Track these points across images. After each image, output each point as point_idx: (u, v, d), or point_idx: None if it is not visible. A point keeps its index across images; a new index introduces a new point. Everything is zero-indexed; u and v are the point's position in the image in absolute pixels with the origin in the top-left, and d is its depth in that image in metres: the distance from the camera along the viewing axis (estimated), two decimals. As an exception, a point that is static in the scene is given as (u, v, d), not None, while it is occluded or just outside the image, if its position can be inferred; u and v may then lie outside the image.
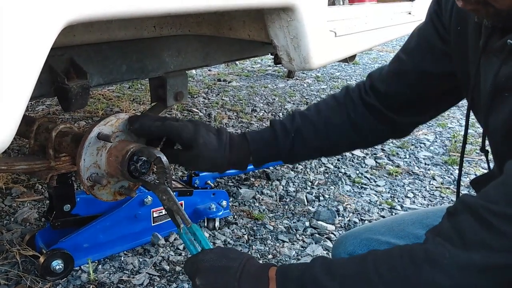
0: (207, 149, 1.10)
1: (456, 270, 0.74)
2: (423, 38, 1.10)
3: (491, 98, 0.89)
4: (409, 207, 2.28)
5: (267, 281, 0.88)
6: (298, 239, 1.96)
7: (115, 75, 1.49)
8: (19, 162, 1.29)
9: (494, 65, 0.86)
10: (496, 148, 0.96)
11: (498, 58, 0.85)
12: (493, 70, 0.86)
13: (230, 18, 1.54)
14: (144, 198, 1.75)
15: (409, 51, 1.13)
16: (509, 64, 0.83)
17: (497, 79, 0.85)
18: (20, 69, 0.72)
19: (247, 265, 0.91)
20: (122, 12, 0.87)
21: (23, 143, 2.61)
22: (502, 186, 0.75)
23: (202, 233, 1.00)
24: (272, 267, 0.90)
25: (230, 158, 1.14)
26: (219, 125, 3.23)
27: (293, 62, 1.45)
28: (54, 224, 1.55)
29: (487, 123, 0.93)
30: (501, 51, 0.83)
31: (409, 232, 1.16)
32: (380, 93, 1.17)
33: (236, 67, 5.16)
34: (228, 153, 1.14)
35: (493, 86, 0.87)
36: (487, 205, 0.74)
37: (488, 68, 0.89)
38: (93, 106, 3.39)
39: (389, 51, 6.53)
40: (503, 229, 0.71)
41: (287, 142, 1.18)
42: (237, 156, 1.16)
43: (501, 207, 0.72)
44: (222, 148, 1.13)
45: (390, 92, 1.16)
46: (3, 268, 1.63)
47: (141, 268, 1.71)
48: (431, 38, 1.07)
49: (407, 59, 1.13)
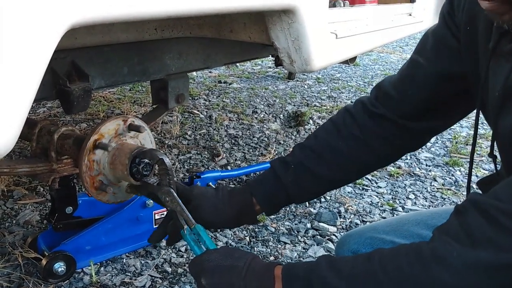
0: (204, 197, 1.10)
1: (463, 269, 0.73)
2: (438, 38, 1.07)
3: (501, 102, 0.87)
4: (411, 208, 2.28)
5: (273, 280, 0.88)
6: (300, 240, 1.96)
7: (116, 77, 1.49)
8: (21, 165, 1.30)
9: (505, 68, 0.85)
10: (505, 151, 0.96)
11: (508, 61, 0.84)
12: (504, 74, 0.85)
13: (231, 21, 1.55)
14: (146, 200, 1.75)
15: (425, 53, 1.09)
16: None
17: (507, 83, 0.84)
18: (23, 72, 0.73)
19: (253, 264, 0.91)
20: (124, 15, 0.87)
21: (25, 145, 2.61)
22: (510, 185, 0.75)
23: (206, 233, 1.00)
24: (278, 266, 0.90)
25: (231, 205, 1.11)
26: (220, 127, 3.23)
27: (294, 64, 1.45)
28: (56, 226, 1.56)
29: (496, 126, 0.92)
30: None
31: (414, 232, 1.15)
32: (391, 101, 1.11)
33: (236, 69, 5.17)
34: (227, 200, 1.11)
35: (503, 90, 0.86)
36: (495, 203, 0.74)
37: (498, 71, 0.88)
38: (94, 108, 3.39)
39: (389, 52, 6.54)
40: (511, 228, 0.71)
41: (289, 175, 1.12)
42: (239, 202, 1.12)
43: (509, 205, 0.72)
44: (219, 195, 1.11)
45: (404, 97, 1.10)
46: (5, 271, 1.63)
47: (143, 270, 1.71)
48: (447, 38, 1.04)
49: (423, 61, 1.08)
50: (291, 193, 1.13)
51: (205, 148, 2.85)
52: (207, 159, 2.70)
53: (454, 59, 1.03)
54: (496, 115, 0.90)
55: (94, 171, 1.17)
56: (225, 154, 2.76)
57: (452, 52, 1.03)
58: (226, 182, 2.41)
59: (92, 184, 1.17)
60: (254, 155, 2.80)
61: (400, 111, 1.10)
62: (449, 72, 1.05)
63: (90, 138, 1.15)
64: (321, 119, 3.53)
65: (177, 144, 2.88)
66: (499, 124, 0.90)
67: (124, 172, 1.14)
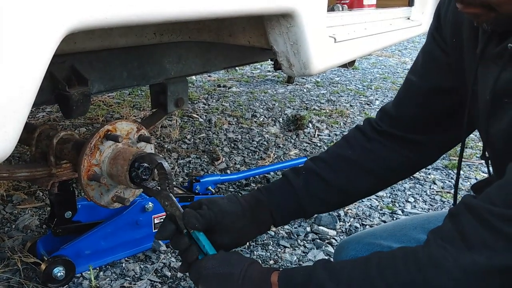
0: (232, 227, 1.04)
1: (460, 273, 0.74)
2: (427, 55, 1.09)
3: (491, 105, 0.88)
4: (410, 211, 2.28)
5: (270, 287, 0.88)
6: (300, 244, 1.96)
7: (116, 82, 1.49)
8: (20, 169, 1.30)
9: (493, 72, 0.85)
10: (496, 155, 0.96)
11: (497, 64, 0.85)
12: (493, 77, 0.85)
13: (230, 25, 1.55)
14: (145, 205, 1.75)
15: (416, 71, 1.11)
16: (509, 69, 0.82)
17: (497, 86, 0.85)
18: (22, 77, 0.73)
19: (249, 270, 0.90)
20: (123, 20, 0.87)
21: (24, 150, 2.61)
22: (503, 188, 0.76)
23: (206, 238, 1.00)
24: (275, 272, 0.90)
25: (253, 226, 1.08)
26: (220, 130, 3.23)
27: (293, 68, 1.46)
28: (55, 231, 1.55)
29: (488, 130, 0.92)
30: (501, 56, 0.83)
31: (411, 237, 1.16)
32: (393, 119, 1.13)
33: (235, 73, 5.17)
34: (251, 221, 1.07)
35: (492, 93, 0.86)
36: (487, 206, 0.74)
37: (487, 75, 0.89)
38: (94, 112, 3.39)
39: (388, 56, 6.55)
40: (504, 230, 0.72)
41: (300, 179, 1.11)
42: (260, 219, 1.09)
43: (501, 208, 0.73)
44: (235, 205, 1.07)
45: (403, 115, 1.12)
46: (4, 276, 1.62)
47: (143, 274, 1.71)
48: (435, 53, 1.06)
49: (415, 79, 1.10)
50: (302, 200, 1.12)
51: (204, 152, 2.85)
52: (207, 163, 2.70)
53: (444, 74, 1.05)
54: (487, 119, 0.90)
55: (94, 159, 1.17)
56: (224, 158, 2.76)
57: (441, 68, 1.05)
58: (226, 186, 2.41)
59: (86, 171, 1.17)
60: (254, 159, 2.80)
61: (402, 128, 1.12)
62: (440, 87, 1.06)
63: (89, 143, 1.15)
64: (320, 122, 3.53)
65: (176, 148, 2.88)
66: (490, 128, 0.91)
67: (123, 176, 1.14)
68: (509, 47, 0.80)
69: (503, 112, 0.84)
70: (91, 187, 1.19)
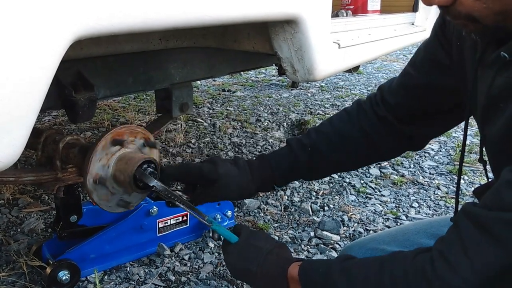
0: (230, 176, 1.17)
1: (462, 283, 0.76)
2: (429, 52, 1.12)
3: (486, 110, 0.91)
4: (414, 217, 2.28)
5: (287, 284, 0.96)
6: (303, 249, 1.96)
7: (121, 87, 1.50)
8: (26, 174, 1.31)
9: (489, 78, 0.88)
10: (493, 158, 0.98)
11: (492, 70, 0.87)
12: (488, 83, 0.88)
13: (235, 31, 1.56)
14: (150, 209, 1.76)
15: (416, 65, 1.16)
16: (503, 75, 0.85)
17: (491, 90, 0.88)
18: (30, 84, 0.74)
19: (266, 265, 0.98)
20: (129, 27, 0.88)
21: (30, 154, 2.63)
22: (497, 192, 0.77)
23: (224, 228, 1.12)
24: (293, 265, 0.96)
25: (254, 180, 1.21)
26: (224, 135, 3.24)
27: (297, 74, 1.46)
28: (60, 234, 1.56)
29: (483, 134, 0.95)
30: (495, 63, 0.86)
31: (414, 241, 1.17)
32: (390, 106, 1.21)
33: (240, 77, 5.19)
34: (250, 176, 1.21)
35: (487, 98, 0.89)
36: (484, 211, 0.76)
37: (484, 80, 0.91)
38: (99, 116, 3.41)
39: (393, 61, 6.55)
40: (502, 235, 0.73)
41: (305, 156, 1.24)
42: (261, 177, 1.23)
43: (496, 212, 0.74)
44: (243, 172, 1.20)
45: (399, 105, 1.20)
46: (10, 279, 1.64)
47: (147, 278, 1.72)
48: (437, 53, 1.09)
49: (414, 73, 1.16)
50: (302, 173, 1.27)
51: (208, 156, 2.85)
52: (211, 167, 2.70)
53: (442, 73, 1.09)
54: (482, 123, 0.94)
55: (100, 164, 1.19)
56: (228, 162, 2.76)
57: (440, 67, 1.09)
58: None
59: (92, 175, 1.18)
60: (258, 164, 2.81)
61: (397, 116, 1.21)
62: (436, 85, 1.11)
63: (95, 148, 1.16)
64: (325, 127, 3.53)
65: (181, 153, 2.89)
66: (486, 132, 0.94)
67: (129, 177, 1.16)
68: (502, 55, 0.82)
69: (498, 116, 0.87)
70: (96, 191, 1.20)
